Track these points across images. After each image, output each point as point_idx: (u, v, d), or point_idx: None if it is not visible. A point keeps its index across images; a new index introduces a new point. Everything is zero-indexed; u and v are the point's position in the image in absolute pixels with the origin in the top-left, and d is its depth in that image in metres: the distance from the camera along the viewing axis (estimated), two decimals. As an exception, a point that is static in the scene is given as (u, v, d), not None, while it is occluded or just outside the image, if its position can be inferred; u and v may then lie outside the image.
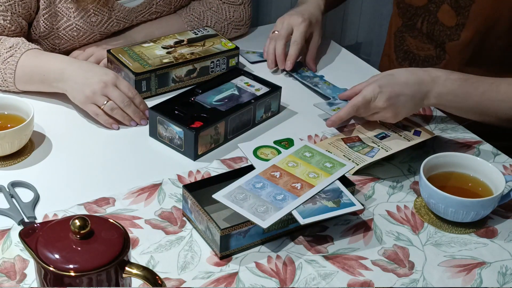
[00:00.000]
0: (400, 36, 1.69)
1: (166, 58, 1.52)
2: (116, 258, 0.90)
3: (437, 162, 1.25)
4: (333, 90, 1.55)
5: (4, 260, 1.10)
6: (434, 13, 1.57)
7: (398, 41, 1.70)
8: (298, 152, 1.28)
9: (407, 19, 1.64)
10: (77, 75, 1.40)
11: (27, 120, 1.28)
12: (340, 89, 1.55)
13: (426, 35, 1.61)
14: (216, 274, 1.09)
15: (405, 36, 1.67)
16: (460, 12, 1.51)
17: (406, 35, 1.66)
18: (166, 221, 1.19)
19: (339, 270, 1.11)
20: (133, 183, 1.26)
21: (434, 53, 1.61)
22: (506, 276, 1.12)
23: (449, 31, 1.55)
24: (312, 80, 1.59)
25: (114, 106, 1.39)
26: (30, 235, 0.92)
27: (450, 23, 1.54)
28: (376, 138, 1.39)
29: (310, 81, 1.59)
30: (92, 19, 1.54)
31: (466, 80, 1.37)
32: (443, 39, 1.57)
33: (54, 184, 1.26)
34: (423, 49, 1.63)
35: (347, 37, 3.02)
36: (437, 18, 1.56)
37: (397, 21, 1.70)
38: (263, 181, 1.20)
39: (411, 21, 1.63)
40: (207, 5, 1.69)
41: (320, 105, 1.48)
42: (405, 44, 1.67)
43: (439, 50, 1.60)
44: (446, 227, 1.21)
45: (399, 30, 1.69)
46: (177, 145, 1.35)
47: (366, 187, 1.29)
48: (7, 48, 1.43)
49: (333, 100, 1.51)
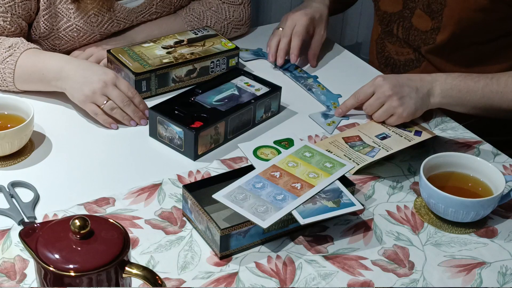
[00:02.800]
0: (381, 43, 1.70)
1: (166, 58, 1.52)
2: (116, 258, 0.90)
3: (437, 162, 1.25)
4: (327, 96, 1.54)
5: (4, 260, 1.10)
6: (408, 18, 1.58)
7: (379, 48, 1.72)
8: (298, 152, 1.28)
9: (384, 25, 1.66)
10: (76, 74, 1.40)
11: (27, 120, 1.28)
12: (333, 94, 1.55)
13: (403, 40, 1.62)
14: (216, 274, 1.09)
15: (384, 42, 1.68)
16: (434, 16, 1.51)
17: (385, 41, 1.67)
18: (166, 221, 1.19)
19: (339, 270, 1.11)
20: (133, 183, 1.26)
21: (414, 56, 1.62)
22: (506, 276, 1.12)
23: (424, 36, 1.56)
24: (306, 82, 1.59)
25: (114, 106, 1.39)
26: (30, 235, 0.92)
27: (425, 28, 1.55)
28: (377, 138, 1.39)
29: (304, 82, 1.59)
30: (92, 19, 1.54)
31: (466, 76, 1.41)
32: (419, 43, 1.58)
33: (54, 184, 1.26)
34: (403, 54, 1.65)
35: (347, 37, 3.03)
36: (412, 23, 1.57)
37: (377, 28, 1.71)
38: (263, 181, 1.20)
39: (388, 27, 1.65)
40: (207, 5, 1.69)
41: (314, 116, 1.48)
42: (386, 51, 1.69)
43: (417, 54, 1.60)
44: (446, 227, 1.21)
45: (380, 37, 1.71)
46: (177, 145, 1.35)
47: (366, 186, 1.29)
48: (6, 48, 1.43)
49: (328, 110, 1.50)
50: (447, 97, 1.40)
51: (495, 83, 1.40)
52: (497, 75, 1.41)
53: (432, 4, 1.51)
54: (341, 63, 1.70)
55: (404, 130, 1.41)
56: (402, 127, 1.42)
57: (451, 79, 1.41)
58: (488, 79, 1.40)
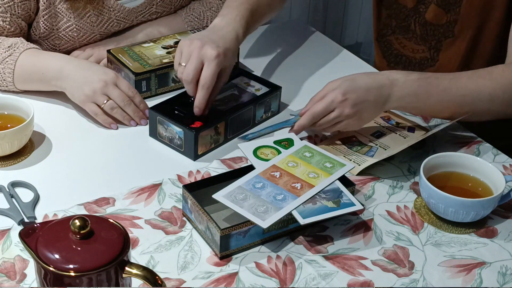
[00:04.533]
0: (383, 41, 1.67)
1: (166, 58, 1.52)
2: (116, 258, 0.90)
3: (437, 162, 1.25)
4: None
5: (4, 260, 1.10)
6: (423, 14, 1.56)
7: (384, 46, 1.69)
8: (298, 152, 1.28)
9: (401, 20, 1.62)
10: (76, 73, 1.40)
11: (27, 120, 1.28)
12: None
13: (420, 36, 1.60)
14: (216, 274, 1.09)
15: (389, 39, 1.66)
16: (451, 8, 1.50)
17: (399, 37, 1.64)
18: (166, 221, 1.19)
19: (339, 270, 1.11)
20: (133, 183, 1.26)
21: (429, 55, 1.59)
22: (506, 276, 1.12)
23: (442, 29, 1.54)
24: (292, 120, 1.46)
25: (114, 106, 1.39)
26: (30, 235, 0.92)
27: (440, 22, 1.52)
28: (373, 136, 1.39)
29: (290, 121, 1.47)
30: (92, 19, 1.54)
31: (426, 79, 1.33)
32: (439, 37, 1.55)
33: (54, 184, 1.26)
34: (418, 51, 1.61)
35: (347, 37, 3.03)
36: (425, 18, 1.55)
37: (378, 26, 1.67)
38: (263, 181, 1.20)
39: (405, 22, 1.61)
40: (207, 5, 1.69)
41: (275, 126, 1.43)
42: (394, 48, 1.66)
43: (432, 52, 1.59)
44: (446, 227, 1.21)
45: (380, 34, 1.67)
46: (177, 145, 1.35)
47: (366, 187, 1.29)
48: (6, 48, 1.43)
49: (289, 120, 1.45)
50: (403, 102, 1.34)
51: (454, 85, 1.33)
52: (457, 76, 1.34)
53: None
54: (341, 63, 1.70)
55: (397, 127, 1.41)
56: (395, 124, 1.42)
57: (409, 83, 1.32)
58: (447, 81, 1.33)
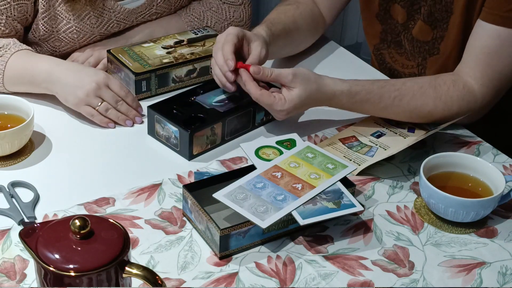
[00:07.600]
0: (378, 54, 1.66)
1: (166, 58, 1.52)
2: (116, 258, 0.90)
3: (437, 162, 1.25)
4: None
5: (4, 260, 1.10)
6: (410, 30, 1.54)
7: (379, 60, 1.68)
8: (301, 153, 1.28)
9: (395, 35, 1.60)
10: (67, 76, 1.39)
11: (27, 120, 1.28)
12: None
13: (410, 52, 1.57)
14: (216, 274, 1.09)
15: (383, 53, 1.65)
16: (437, 25, 1.48)
17: (390, 51, 1.63)
18: (166, 221, 1.19)
19: (339, 270, 1.11)
20: (133, 183, 1.26)
21: (417, 71, 1.58)
22: (506, 276, 1.12)
23: (427, 46, 1.52)
24: None
25: (109, 107, 1.39)
26: (30, 235, 0.92)
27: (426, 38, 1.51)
28: (373, 137, 1.39)
29: None
30: (92, 21, 1.54)
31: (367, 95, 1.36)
32: (424, 55, 1.54)
33: (54, 184, 1.26)
34: (407, 67, 1.60)
35: (347, 37, 3.03)
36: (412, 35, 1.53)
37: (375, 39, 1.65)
38: (264, 181, 1.20)
39: (398, 37, 1.59)
40: (207, 5, 1.69)
41: None
42: (387, 62, 1.65)
43: (420, 68, 1.57)
44: (446, 227, 1.21)
45: (375, 48, 1.66)
46: (173, 144, 1.35)
47: (366, 187, 1.29)
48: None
49: None
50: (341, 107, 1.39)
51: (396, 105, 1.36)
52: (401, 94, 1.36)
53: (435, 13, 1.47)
54: (341, 63, 1.70)
55: (397, 127, 1.41)
56: (395, 124, 1.42)
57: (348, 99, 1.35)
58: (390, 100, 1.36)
